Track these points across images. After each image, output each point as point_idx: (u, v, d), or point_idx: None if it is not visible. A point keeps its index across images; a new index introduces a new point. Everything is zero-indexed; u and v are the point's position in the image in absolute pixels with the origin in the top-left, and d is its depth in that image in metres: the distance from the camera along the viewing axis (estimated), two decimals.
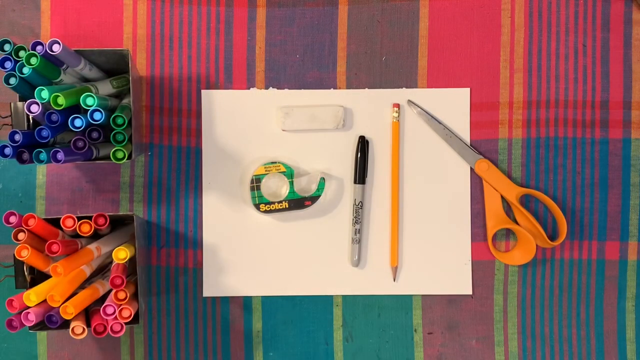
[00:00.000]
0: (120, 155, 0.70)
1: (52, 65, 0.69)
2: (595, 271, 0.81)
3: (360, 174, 0.80)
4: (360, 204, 0.80)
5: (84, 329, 0.70)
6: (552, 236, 0.81)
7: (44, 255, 0.68)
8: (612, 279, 0.81)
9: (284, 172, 0.79)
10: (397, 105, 0.80)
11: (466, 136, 0.81)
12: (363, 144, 0.80)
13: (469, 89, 0.81)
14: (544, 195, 0.80)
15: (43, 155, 0.67)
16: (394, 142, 0.80)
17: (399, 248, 0.81)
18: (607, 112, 0.81)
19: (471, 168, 0.81)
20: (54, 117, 0.67)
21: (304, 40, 0.81)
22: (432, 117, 0.80)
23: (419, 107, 0.79)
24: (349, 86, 0.81)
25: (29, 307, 0.68)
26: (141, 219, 0.79)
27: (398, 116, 0.80)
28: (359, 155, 0.80)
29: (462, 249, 0.81)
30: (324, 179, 0.80)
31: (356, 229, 0.80)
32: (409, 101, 0.80)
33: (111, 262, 0.75)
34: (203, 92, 0.81)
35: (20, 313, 0.68)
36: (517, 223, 0.81)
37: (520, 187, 0.80)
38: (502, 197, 0.80)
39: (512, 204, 0.80)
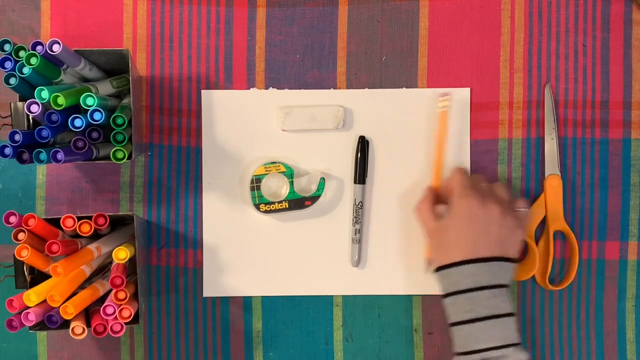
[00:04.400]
0: (120, 155, 0.70)
1: (52, 65, 0.69)
2: (595, 271, 0.81)
3: (360, 174, 0.80)
4: (360, 204, 0.80)
5: (84, 329, 0.70)
6: (551, 279, 0.81)
7: (44, 255, 0.68)
8: (612, 279, 0.81)
9: (284, 172, 0.79)
10: (446, 95, 0.79)
11: (466, 136, 0.81)
12: (363, 144, 0.80)
13: (469, 89, 0.81)
14: (574, 239, 0.79)
15: (43, 155, 0.67)
16: (441, 131, 0.79)
17: (398, 248, 0.81)
18: (607, 112, 0.81)
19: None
20: (54, 117, 0.67)
21: (304, 40, 0.81)
22: (555, 113, 0.79)
23: (551, 97, 0.79)
24: (349, 86, 0.81)
25: (29, 307, 0.68)
26: (141, 219, 0.79)
27: (447, 106, 0.79)
28: (358, 155, 0.80)
29: None
30: (324, 179, 0.80)
31: (356, 229, 0.80)
32: (547, 85, 0.78)
33: (111, 262, 0.75)
34: (203, 92, 0.81)
35: (20, 313, 0.68)
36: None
37: (564, 221, 0.80)
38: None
39: (547, 230, 0.80)
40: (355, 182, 0.80)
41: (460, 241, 0.72)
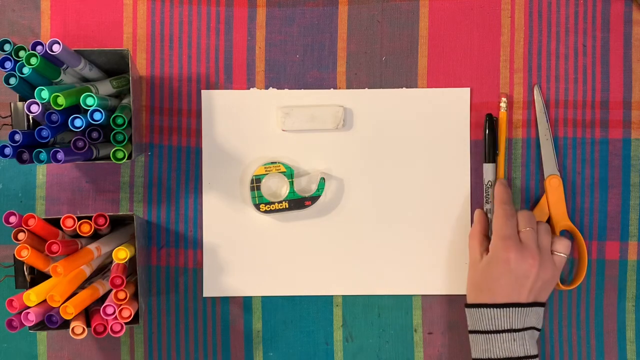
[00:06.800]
0: (120, 155, 0.70)
1: (52, 65, 0.69)
2: (595, 271, 0.81)
3: (490, 152, 0.79)
4: (490, 183, 0.79)
5: (84, 329, 0.70)
6: (561, 278, 0.81)
7: (44, 255, 0.69)
8: (612, 279, 0.81)
9: (284, 172, 0.79)
10: (505, 96, 0.80)
11: (466, 136, 0.81)
12: (491, 122, 0.79)
13: (469, 89, 0.81)
14: (581, 237, 0.79)
15: (43, 155, 0.67)
16: (502, 132, 0.80)
17: (398, 248, 0.81)
18: (607, 112, 0.81)
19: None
20: (54, 117, 0.67)
21: (304, 40, 0.81)
22: (546, 113, 0.80)
23: (541, 98, 0.79)
24: (349, 86, 0.81)
25: (29, 307, 0.68)
26: (141, 219, 0.79)
27: (506, 107, 0.80)
28: (487, 133, 0.79)
29: (462, 249, 0.81)
30: (324, 179, 0.80)
31: (487, 209, 0.79)
32: (536, 86, 0.79)
33: (111, 262, 0.75)
34: (203, 92, 0.81)
35: (20, 313, 0.68)
36: None
37: (569, 220, 0.80)
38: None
39: (553, 231, 0.80)
40: (485, 162, 0.80)
41: (493, 286, 0.73)
